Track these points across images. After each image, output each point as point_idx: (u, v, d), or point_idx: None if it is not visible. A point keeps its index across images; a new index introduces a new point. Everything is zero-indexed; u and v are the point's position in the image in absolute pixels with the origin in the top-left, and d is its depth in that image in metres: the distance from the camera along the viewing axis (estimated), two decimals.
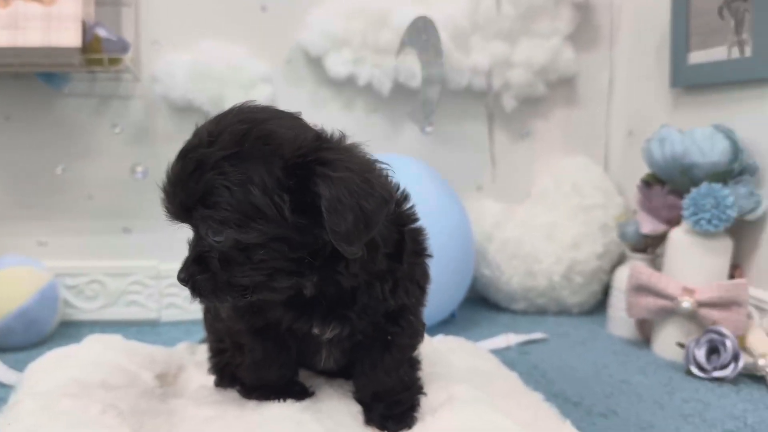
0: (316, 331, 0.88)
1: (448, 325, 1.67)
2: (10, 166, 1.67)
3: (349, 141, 0.82)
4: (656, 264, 1.59)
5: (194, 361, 1.14)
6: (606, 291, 1.82)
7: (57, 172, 1.67)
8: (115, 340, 1.11)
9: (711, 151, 1.41)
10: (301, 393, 0.95)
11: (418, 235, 0.91)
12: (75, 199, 1.70)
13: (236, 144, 0.74)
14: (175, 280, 0.84)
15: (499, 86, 1.85)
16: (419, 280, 0.91)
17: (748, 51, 1.42)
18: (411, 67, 1.75)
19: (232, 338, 0.97)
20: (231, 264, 0.76)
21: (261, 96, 1.70)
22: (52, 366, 0.99)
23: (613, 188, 1.88)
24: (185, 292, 0.81)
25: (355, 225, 0.73)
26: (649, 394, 1.25)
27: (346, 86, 1.79)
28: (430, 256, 0.93)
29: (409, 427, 0.90)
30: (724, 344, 1.32)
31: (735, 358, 1.31)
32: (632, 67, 1.91)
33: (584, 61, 1.93)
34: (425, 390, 0.96)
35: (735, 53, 1.46)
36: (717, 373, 1.31)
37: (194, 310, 1.72)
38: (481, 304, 1.89)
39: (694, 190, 1.41)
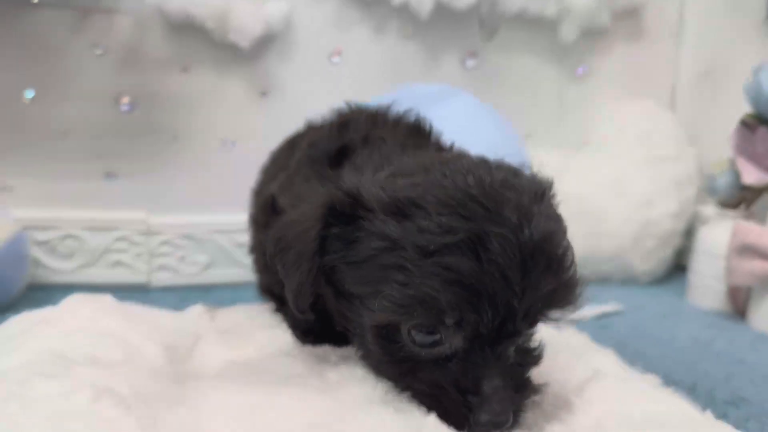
0: None
1: None
2: None
3: None
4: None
5: (215, 328, 0.85)
6: (678, 257, 1.56)
7: (24, 101, 1.36)
8: (105, 301, 0.81)
9: None
10: None
11: None
12: (47, 135, 1.38)
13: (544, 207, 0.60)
14: (170, 237, 0.60)
15: (556, 12, 1.55)
16: None
17: None
18: None
19: None
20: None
21: (275, 14, 1.40)
22: (20, 335, 0.70)
23: (685, 138, 1.60)
24: (180, 251, 0.56)
25: None
26: None
27: (377, 5, 1.49)
28: None
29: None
30: None
31: None
32: None
33: None
34: None
35: None
36: None
37: (191, 273, 1.44)
38: None
39: None
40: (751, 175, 1.27)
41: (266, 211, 0.81)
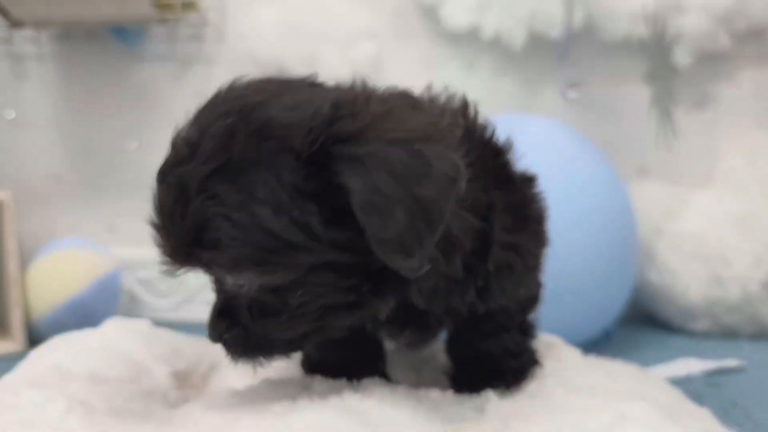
0: (383, 336, 0.71)
1: (599, 347, 1.23)
2: (79, 139, 1.48)
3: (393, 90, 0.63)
4: None
5: None
6: None
7: (130, 148, 1.46)
8: (139, 324, 0.86)
9: None
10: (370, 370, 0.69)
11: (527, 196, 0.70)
12: (149, 180, 1.46)
13: (223, 149, 0.52)
14: None
15: (668, 37, 1.42)
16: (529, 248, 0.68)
17: None
18: (550, 11, 1.37)
19: None
20: (266, 313, 0.56)
21: (363, 56, 1.41)
22: (47, 351, 0.75)
23: None
24: None
25: (411, 225, 0.49)
26: None
27: (467, 41, 1.44)
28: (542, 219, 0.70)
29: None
30: None
31: None
32: None
33: None
34: None
35: None
36: None
37: None
38: (646, 322, 1.44)
39: None
40: None
41: None
